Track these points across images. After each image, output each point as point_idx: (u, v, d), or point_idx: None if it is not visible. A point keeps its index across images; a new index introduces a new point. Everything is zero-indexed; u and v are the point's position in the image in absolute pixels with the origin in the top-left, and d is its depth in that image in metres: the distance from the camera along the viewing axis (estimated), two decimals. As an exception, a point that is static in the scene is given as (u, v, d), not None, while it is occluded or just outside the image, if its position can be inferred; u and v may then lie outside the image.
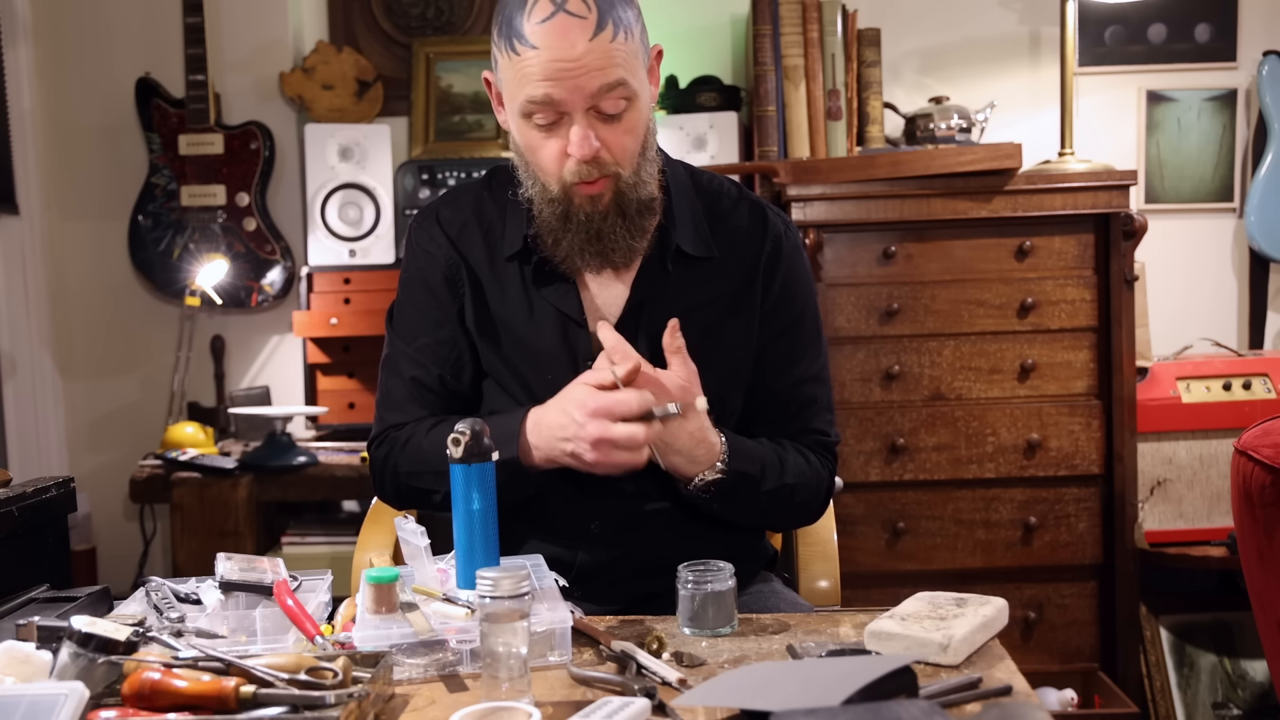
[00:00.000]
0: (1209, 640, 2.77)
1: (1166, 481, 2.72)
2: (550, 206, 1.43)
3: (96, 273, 3.30)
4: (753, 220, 1.55)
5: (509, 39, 1.36)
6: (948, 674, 1.13)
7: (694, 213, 1.52)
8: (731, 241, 1.53)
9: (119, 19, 3.26)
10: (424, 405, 1.52)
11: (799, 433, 1.54)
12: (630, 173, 1.42)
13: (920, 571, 2.65)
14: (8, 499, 1.54)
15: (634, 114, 1.39)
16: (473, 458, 1.25)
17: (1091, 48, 3.19)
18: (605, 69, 1.33)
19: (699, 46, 3.27)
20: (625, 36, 1.35)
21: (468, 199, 1.57)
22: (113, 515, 3.31)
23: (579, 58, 1.32)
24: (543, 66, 1.33)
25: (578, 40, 1.32)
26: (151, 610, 1.26)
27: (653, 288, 1.49)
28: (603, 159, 1.38)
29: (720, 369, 1.49)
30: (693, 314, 1.48)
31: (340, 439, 3.08)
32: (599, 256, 1.44)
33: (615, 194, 1.41)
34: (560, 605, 1.21)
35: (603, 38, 1.32)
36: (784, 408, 1.54)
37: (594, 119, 1.37)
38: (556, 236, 1.44)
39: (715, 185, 1.57)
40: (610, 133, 1.38)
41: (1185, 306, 3.19)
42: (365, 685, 1.05)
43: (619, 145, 1.39)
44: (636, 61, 1.38)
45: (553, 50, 1.32)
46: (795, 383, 1.54)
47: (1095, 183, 2.60)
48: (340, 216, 3.12)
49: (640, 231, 1.46)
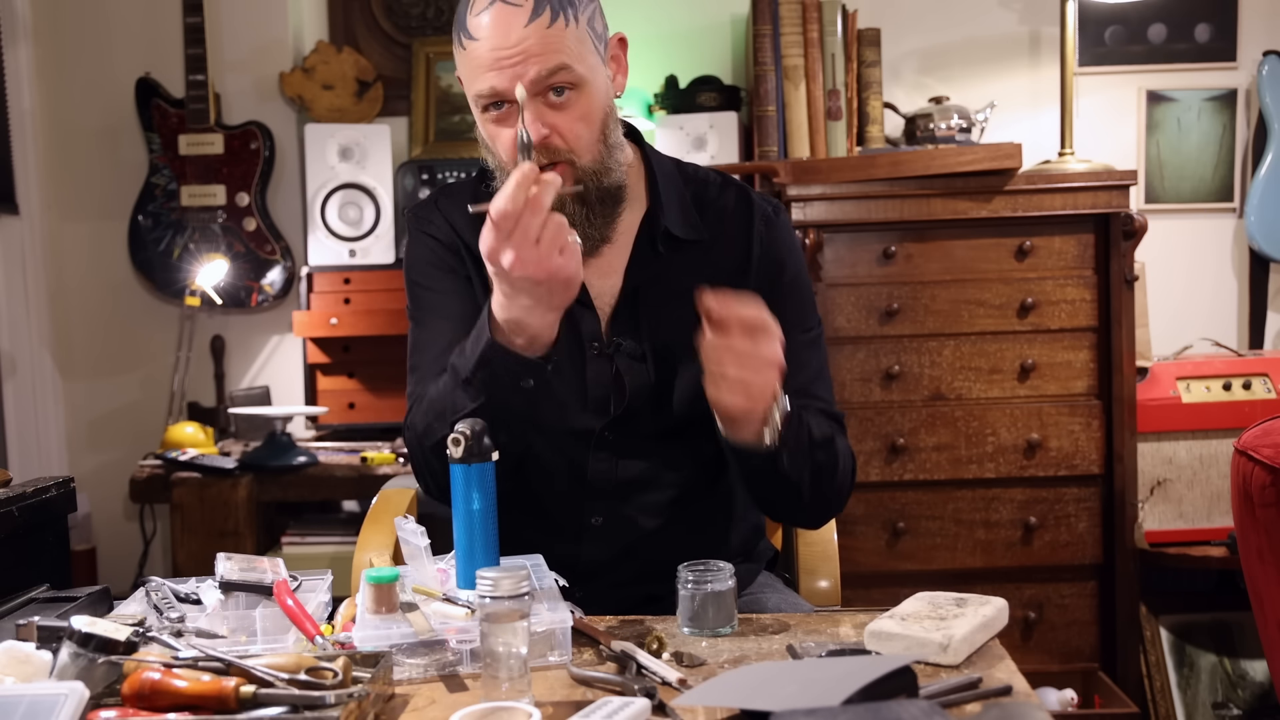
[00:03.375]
0: (1209, 640, 2.77)
1: (1166, 481, 2.72)
2: None
3: (96, 273, 3.30)
4: (739, 203, 1.55)
5: (458, 33, 1.39)
6: (948, 674, 1.13)
7: (681, 198, 1.52)
8: (720, 224, 1.53)
9: (119, 19, 3.26)
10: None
11: (798, 397, 1.48)
12: (590, 160, 1.41)
13: (920, 571, 2.65)
14: (8, 499, 1.54)
15: (584, 100, 1.38)
16: (473, 458, 1.25)
17: (1091, 48, 3.19)
18: (544, 55, 1.34)
19: (699, 46, 3.27)
20: (566, 21, 1.36)
21: (464, 194, 1.57)
22: (113, 515, 3.31)
23: (515, 44, 1.34)
24: (485, 56, 1.35)
25: (514, 26, 1.34)
26: (151, 610, 1.26)
27: (645, 273, 1.49)
28: (553, 144, 1.37)
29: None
30: (687, 297, 1.47)
31: (340, 439, 3.08)
32: None
33: (575, 181, 1.41)
34: (560, 605, 1.21)
35: (539, 23, 1.34)
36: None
37: (541, 105, 1.37)
38: None
39: (701, 174, 1.58)
40: (561, 119, 1.37)
41: (1185, 306, 3.19)
42: (365, 685, 1.05)
43: (571, 131, 1.38)
44: (583, 47, 1.38)
45: (491, 39, 1.34)
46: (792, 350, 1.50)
47: (1095, 183, 2.60)
48: (340, 216, 3.13)
49: (606, 220, 1.45)
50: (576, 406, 1.47)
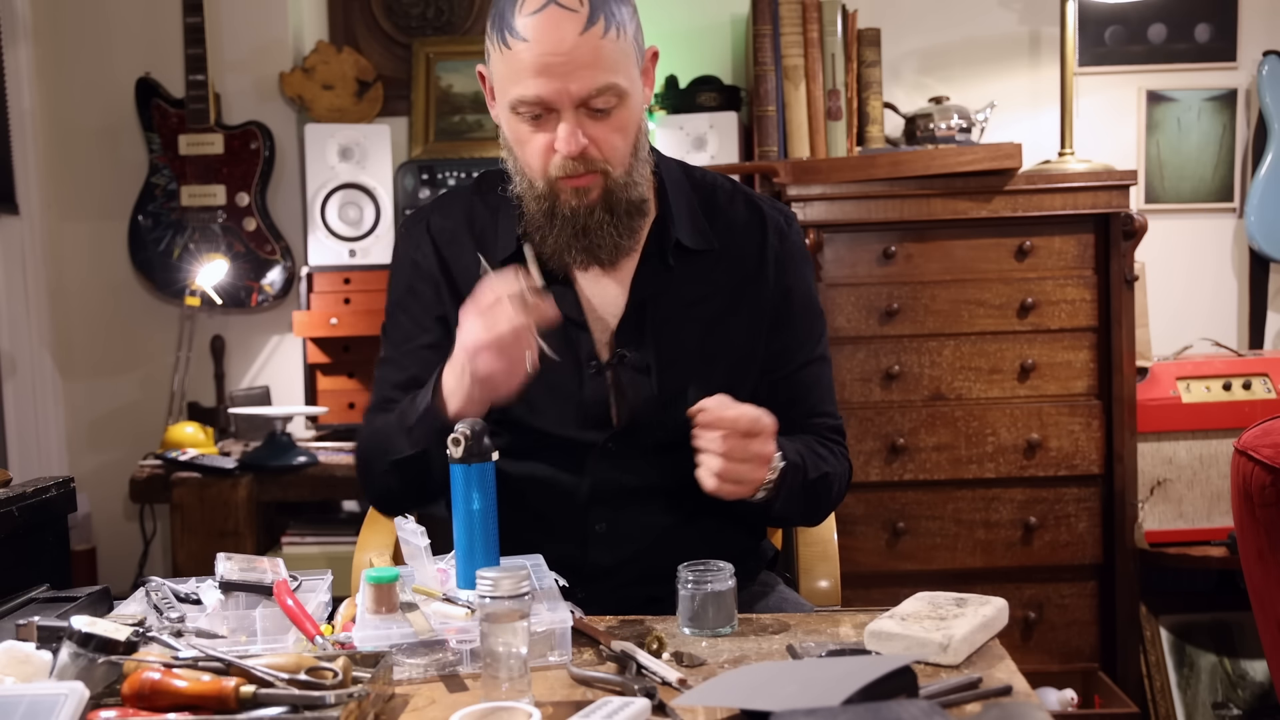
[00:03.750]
0: (1209, 640, 2.77)
1: (1166, 481, 2.72)
2: (537, 203, 1.43)
3: (96, 273, 3.30)
4: (750, 212, 1.55)
5: (500, 31, 1.36)
6: (948, 674, 1.13)
7: (691, 207, 1.52)
8: (730, 234, 1.52)
9: (119, 19, 3.26)
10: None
11: (807, 416, 1.53)
12: (621, 172, 1.41)
13: (920, 571, 2.65)
14: (8, 499, 1.54)
15: (624, 113, 1.38)
16: (473, 458, 1.25)
17: (1091, 48, 3.19)
18: (594, 68, 1.33)
19: (699, 46, 3.27)
20: (618, 33, 1.35)
21: (459, 206, 1.56)
22: (113, 515, 3.31)
23: (568, 52, 1.31)
24: (533, 60, 1.33)
25: (567, 34, 1.31)
26: (151, 610, 1.26)
27: (653, 285, 1.48)
28: (590, 155, 1.38)
29: (726, 361, 1.49)
30: (696, 308, 1.48)
31: (340, 439, 3.07)
32: (585, 253, 1.43)
33: (604, 191, 1.41)
34: (560, 605, 1.21)
35: (593, 33, 1.32)
36: (791, 391, 1.53)
37: (583, 115, 1.36)
38: (544, 233, 1.44)
39: (710, 180, 1.57)
40: (599, 130, 1.37)
41: (1185, 306, 3.19)
42: (365, 685, 1.05)
43: (608, 143, 1.38)
44: (628, 60, 1.38)
45: (543, 44, 1.32)
46: (800, 367, 1.54)
47: (1095, 183, 2.60)
48: (340, 216, 3.13)
49: (629, 231, 1.45)
50: (574, 424, 1.47)
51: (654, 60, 1.47)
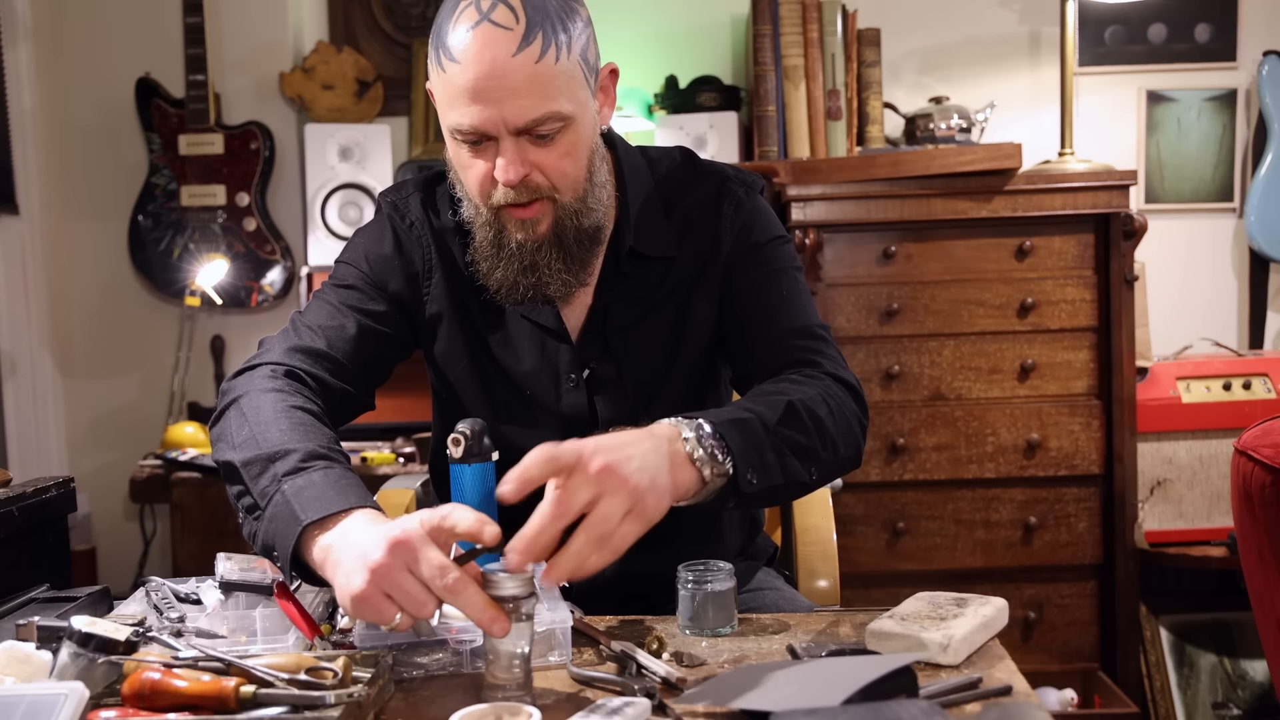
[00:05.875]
0: (1209, 640, 2.77)
1: (1166, 481, 2.72)
2: (483, 230, 1.35)
3: (96, 273, 3.30)
4: (708, 188, 1.47)
5: (436, 50, 1.28)
6: (948, 674, 1.12)
7: (649, 206, 1.44)
8: (687, 223, 1.46)
9: (119, 19, 3.26)
10: (310, 360, 1.37)
11: (799, 334, 1.42)
12: (572, 198, 1.32)
13: (920, 571, 2.65)
14: (8, 499, 1.54)
15: (571, 137, 1.29)
16: (473, 458, 1.24)
17: (1091, 48, 3.19)
18: (531, 95, 1.24)
19: (699, 46, 3.27)
20: (558, 55, 1.25)
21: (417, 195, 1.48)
22: (113, 515, 3.31)
23: (501, 76, 1.23)
24: (466, 85, 1.24)
25: (500, 54, 1.22)
26: (151, 610, 1.26)
27: (613, 292, 1.44)
28: (535, 182, 1.29)
29: (693, 351, 1.45)
30: (659, 308, 1.43)
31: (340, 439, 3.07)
32: (532, 289, 1.35)
33: (554, 221, 1.32)
34: (560, 605, 1.21)
35: (528, 55, 1.23)
36: (771, 347, 1.42)
37: (525, 142, 1.27)
38: (490, 265, 1.36)
39: (677, 173, 1.48)
40: (544, 156, 1.28)
41: (1185, 306, 3.20)
42: (365, 685, 1.05)
43: (555, 169, 1.29)
44: (573, 82, 1.28)
45: (475, 67, 1.23)
46: (777, 290, 1.44)
47: (1095, 183, 2.60)
48: (340, 216, 3.13)
49: (580, 266, 1.36)
50: (558, 439, 1.46)
51: (613, 78, 1.38)
